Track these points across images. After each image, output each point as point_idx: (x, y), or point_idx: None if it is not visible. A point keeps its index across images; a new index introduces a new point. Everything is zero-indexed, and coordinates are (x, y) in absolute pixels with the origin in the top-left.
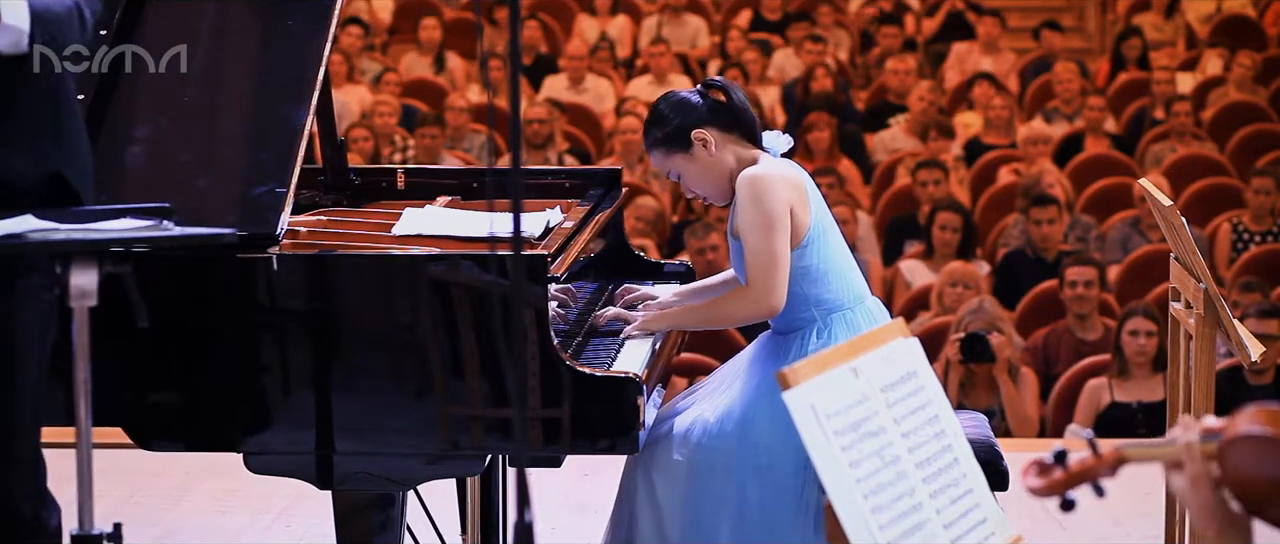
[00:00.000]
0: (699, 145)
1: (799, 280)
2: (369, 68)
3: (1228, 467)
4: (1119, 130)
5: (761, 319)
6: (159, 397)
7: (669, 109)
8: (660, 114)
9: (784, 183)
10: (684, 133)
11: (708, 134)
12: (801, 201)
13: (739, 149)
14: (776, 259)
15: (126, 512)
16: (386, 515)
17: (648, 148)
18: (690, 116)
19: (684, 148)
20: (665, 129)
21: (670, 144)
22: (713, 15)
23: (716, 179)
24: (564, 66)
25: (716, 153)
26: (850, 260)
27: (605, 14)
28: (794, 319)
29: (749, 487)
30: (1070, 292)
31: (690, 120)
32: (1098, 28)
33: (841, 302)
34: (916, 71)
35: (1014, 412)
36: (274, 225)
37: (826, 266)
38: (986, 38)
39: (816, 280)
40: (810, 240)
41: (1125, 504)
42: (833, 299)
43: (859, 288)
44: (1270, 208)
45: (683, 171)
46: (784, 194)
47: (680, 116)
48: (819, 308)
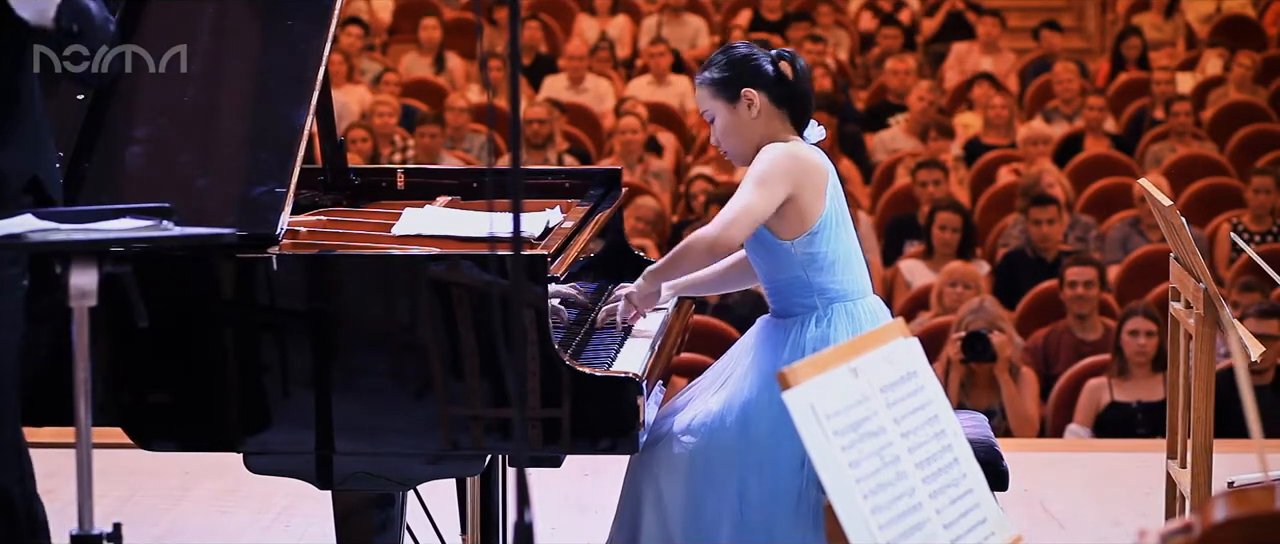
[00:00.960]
0: (744, 103)
1: (805, 266)
2: (369, 68)
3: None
4: (1119, 130)
5: (716, 257)
6: (158, 397)
7: (734, 60)
8: (723, 58)
9: (799, 162)
10: (736, 86)
11: (757, 97)
12: (817, 188)
13: (779, 125)
14: (746, 213)
15: (126, 512)
16: (386, 515)
17: (698, 83)
18: (749, 75)
19: (730, 99)
20: (722, 74)
21: (720, 89)
22: (713, 15)
23: (744, 141)
24: (564, 66)
25: (756, 119)
26: (858, 255)
27: (605, 14)
28: (794, 304)
29: (749, 482)
30: (1070, 292)
31: (747, 78)
32: (1097, 28)
33: (845, 292)
34: (916, 71)
35: (1015, 411)
36: (274, 225)
37: (834, 256)
38: (986, 38)
39: (823, 268)
40: (821, 227)
41: (1125, 504)
42: (836, 289)
43: (863, 283)
44: (1270, 208)
45: (718, 119)
46: (793, 170)
47: (739, 71)
48: (821, 296)
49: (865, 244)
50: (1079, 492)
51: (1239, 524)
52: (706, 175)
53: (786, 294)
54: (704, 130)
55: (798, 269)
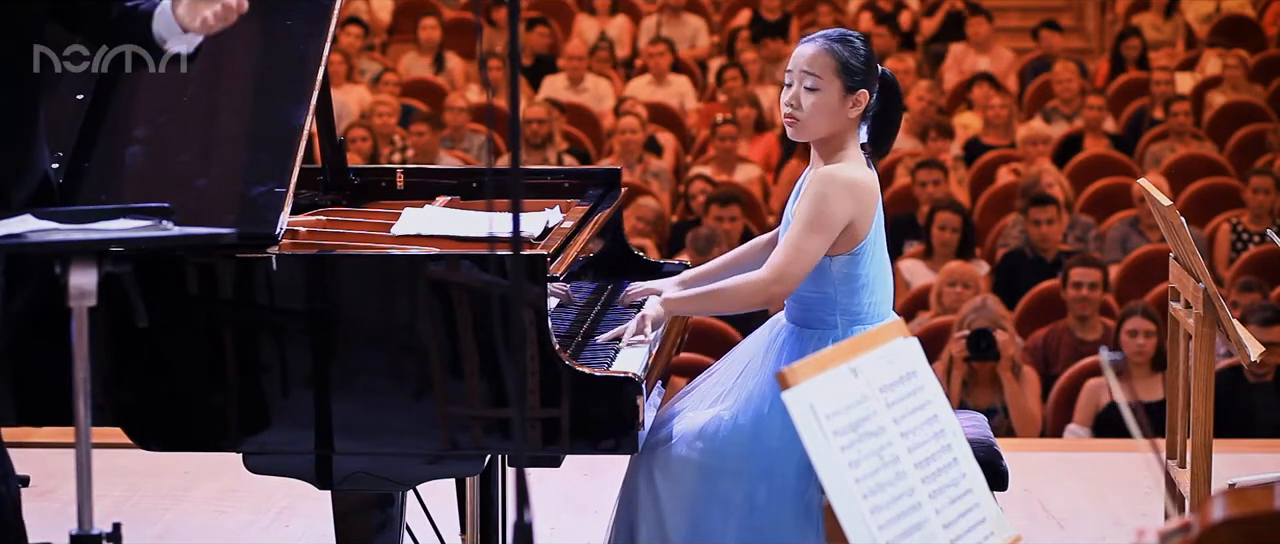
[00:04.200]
0: (853, 99)
1: (839, 286)
2: (368, 68)
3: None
4: (1118, 130)
5: (763, 307)
6: (158, 397)
7: (871, 57)
8: (862, 50)
9: (855, 192)
10: (862, 79)
11: (864, 102)
12: (867, 212)
13: (854, 135)
14: (803, 256)
15: (126, 512)
16: (386, 515)
17: (825, 47)
18: (875, 78)
19: (848, 86)
20: (854, 61)
21: (845, 72)
22: (712, 15)
23: (827, 127)
24: (563, 66)
25: (850, 118)
26: (888, 276)
27: (604, 14)
28: (816, 317)
29: (758, 489)
30: (1074, 292)
31: (872, 80)
32: (1097, 28)
33: (867, 316)
34: (915, 72)
35: (1017, 410)
36: (273, 225)
37: (868, 278)
38: (985, 37)
39: (855, 291)
40: (863, 250)
41: (1125, 504)
42: (860, 312)
43: (886, 306)
44: (1269, 208)
45: (821, 95)
46: (848, 206)
47: (871, 69)
48: (844, 316)
49: None
50: (1079, 491)
51: (1237, 524)
52: (706, 175)
53: (811, 306)
54: (703, 130)
55: (830, 287)
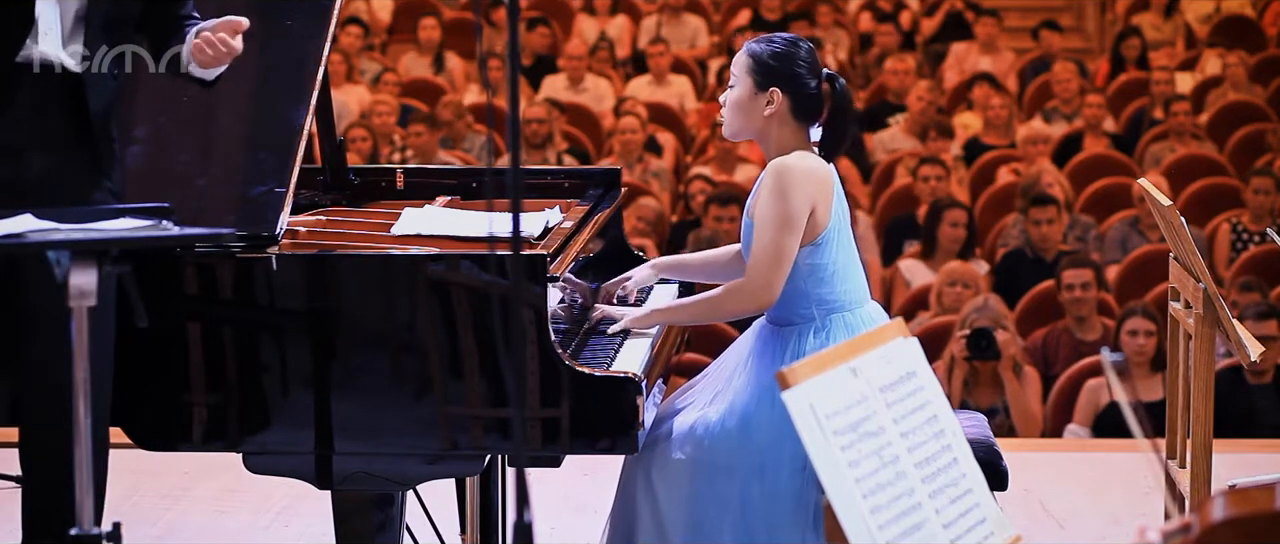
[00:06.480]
0: (765, 97)
1: (806, 277)
2: (368, 68)
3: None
4: (1118, 130)
5: (752, 314)
6: (157, 397)
7: (783, 55)
8: (778, 49)
9: (811, 179)
10: (770, 77)
11: (779, 100)
12: (825, 199)
13: (791, 135)
14: (781, 258)
15: (126, 511)
16: (386, 515)
17: (745, 49)
18: (786, 77)
19: (758, 84)
20: (768, 60)
21: (756, 70)
22: (712, 15)
23: (744, 125)
24: (563, 66)
25: (768, 117)
26: (857, 263)
27: (604, 14)
28: (792, 313)
29: (751, 486)
30: (1067, 294)
31: (782, 78)
32: (1097, 28)
33: (843, 303)
34: (915, 71)
35: (1019, 409)
36: (273, 225)
37: (835, 267)
38: (985, 37)
39: (823, 280)
40: (825, 240)
41: (1125, 504)
42: (835, 300)
43: (861, 292)
44: (1269, 208)
45: (737, 92)
46: (808, 191)
47: (782, 67)
48: (820, 307)
49: (864, 244)
50: (1078, 491)
51: (1237, 524)
52: (706, 175)
53: (784, 303)
54: (704, 130)
55: (799, 280)
